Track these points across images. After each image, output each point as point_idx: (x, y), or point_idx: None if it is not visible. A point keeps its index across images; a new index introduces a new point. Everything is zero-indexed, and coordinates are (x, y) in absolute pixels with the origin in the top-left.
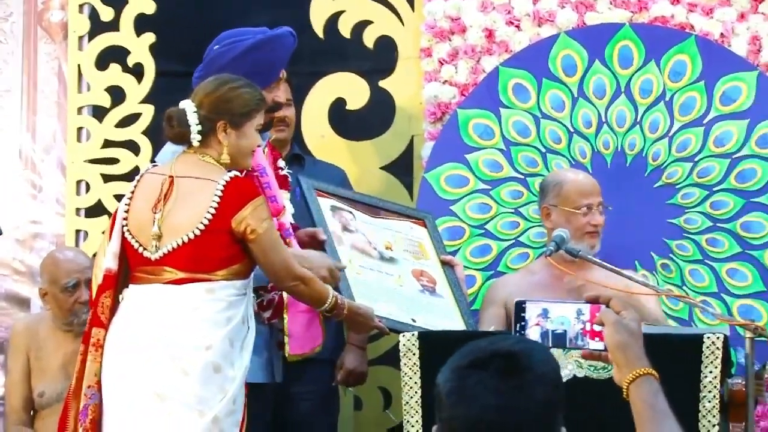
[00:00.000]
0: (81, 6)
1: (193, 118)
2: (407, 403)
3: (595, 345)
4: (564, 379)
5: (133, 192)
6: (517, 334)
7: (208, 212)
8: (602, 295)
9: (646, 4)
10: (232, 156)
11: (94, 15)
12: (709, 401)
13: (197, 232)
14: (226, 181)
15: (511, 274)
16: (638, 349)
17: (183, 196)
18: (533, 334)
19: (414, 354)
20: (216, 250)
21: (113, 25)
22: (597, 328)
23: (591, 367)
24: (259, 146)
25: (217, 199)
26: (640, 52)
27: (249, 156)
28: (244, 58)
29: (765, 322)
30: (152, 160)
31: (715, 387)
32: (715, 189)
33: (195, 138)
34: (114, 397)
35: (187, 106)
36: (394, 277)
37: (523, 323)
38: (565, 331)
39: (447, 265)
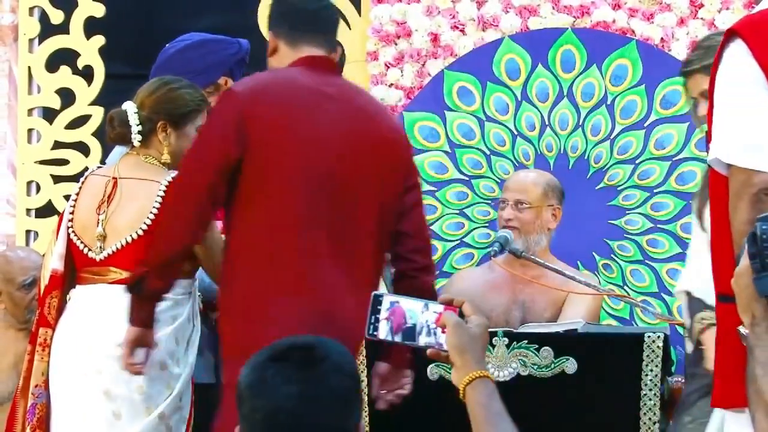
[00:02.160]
0: (31, 9)
1: (133, 119)
2: None
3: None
4: (508, 378)
5: (78, 193)
6: (371, 326)
7: (151, 213)
8: (456, 299)
9: (588, 9)
10: (174, 156)
11: (44, 18)
12: (650, 399)
13: (140, 233)
14: (169, 182)
15: (473, 268)
16: (477, 353)
17: (126, 197)
18: (383, 327)
19: (361, 354)
20: None
21: (63, 28)
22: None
23: (534, 366)
24: None
25: (160, 200)
26: (582, 56)
27: None
28: (177, 57)
29: None
30: (102, 162)
31: (656, 385)
32: (655, 191)
33: (135, 138)
34: (62, 396)
35: (129, 107)
36: None
37: (377, 315)
38: (414, 324)
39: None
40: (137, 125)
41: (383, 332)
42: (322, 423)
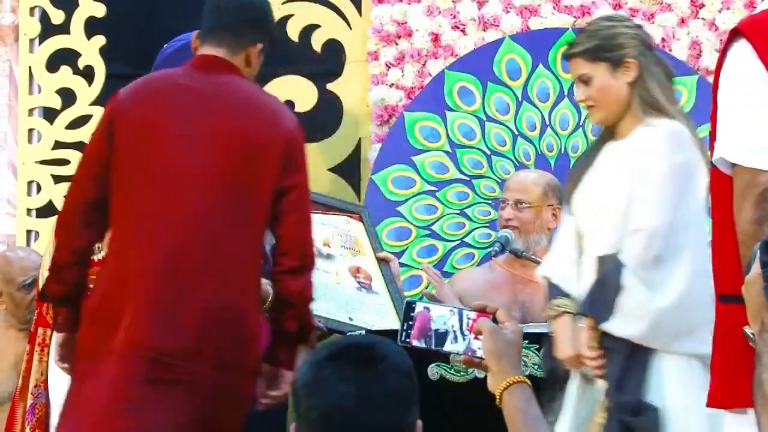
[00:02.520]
0: (32, 9)
1: None
2: None
3: (478, 345)
4: None
5: None
6: (404, 333)
7: None
8: (489, 306)
9: (588, 9)
10: None
11: (44, 18)
12: None
13: None
14: None
15: (474, 268)
16: (513, 358)
17: None
18: (415, 334)
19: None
20: None
21: (64, 28)
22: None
23: (535, 366)
24: None
25: None
26: None
27: None
28: (175, 56)
29: None
30: None
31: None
32: None
33: None
34: (61, 396)
35: None
36: (332, 275)
37: (410, 322)
38: (446, 331)
39: (383, 262)
40: None
41: (415, 339)
42: (378, 422)
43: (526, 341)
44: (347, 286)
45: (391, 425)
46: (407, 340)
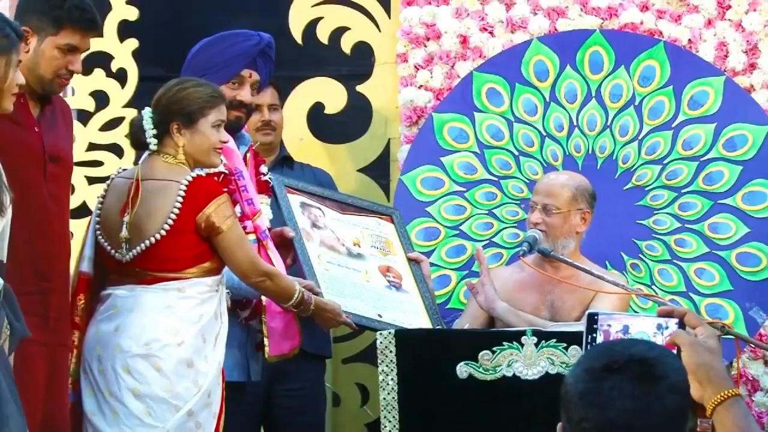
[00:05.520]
0: None
1: (148, 123)
2: (384, 399)
3: None
4: (537, 376)
5: (103, 197)
6: (588, 346)
7: (173, 213)
8: (676, 309)
9: (616, 11)
10: (192, 155)
11: None
12: None
13: (163, 233)
14: (189, 181)
15: (503, 267)
16: (720, 367)
17: (148, 198)
18: None
19: (391, 351)
20: (184, 249)
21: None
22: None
23: (563, 365)
24: (225, 143)
25: (180, 200)
26: (610, 57)
27: (210, 153)
28: (199, 54)
29: (731, 320)
30: (135, 163)
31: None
32: (683, 191)
33: (151, 142)
34: (91, 397)
35: (146, 111)
36: (362, 273)
37: (594, 335)
38: None
39: (413, 262)
40: (151, 129)
41: None
42: None
43: (554, 340)
44: (377, 285)
45: None
46: None
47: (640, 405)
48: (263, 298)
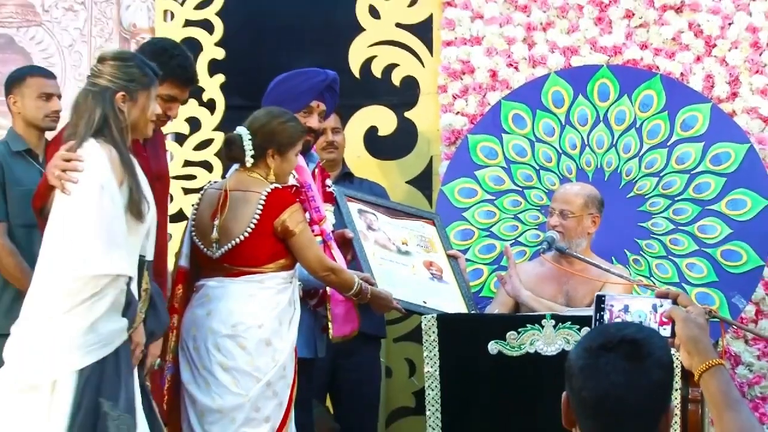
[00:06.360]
0: None
1: (248, 145)
2: (428, 371)
3: (664, 332)
4: (555, 353)
5: (197, 205)
6: (597, 322)
7: (254, 218)
8: (671, 291)
9: (620, 49)
10: (277, 175)
11: None
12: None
13: (246, 235)
14: (268, 192)
15: (527, 262)
16: (707, 340)
17: (234, 206)
18: None
19: (433, 332)
20: (263, 248)
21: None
22: (665, 319)
23: (576, 343)
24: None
25: (261, 207)
26: (615, 88)
27: (288, 175)
28: (277, 88)
29: (717, 306)
30: (223, 176)
31: (677, 358)
32: (676, 199)
33: (249, 161)
34: (187, 369)
35: (243, 133)
36: (409, 267)
37: (602, 313)
38: (641, 322)
39: (452, 258)
40: (250, 150)
41: None
42: (641, 407)
43: (569, 322)
44: (422, 277)
45: (652, 409)
46: None
47: (630, 378)
48: (328, 289)
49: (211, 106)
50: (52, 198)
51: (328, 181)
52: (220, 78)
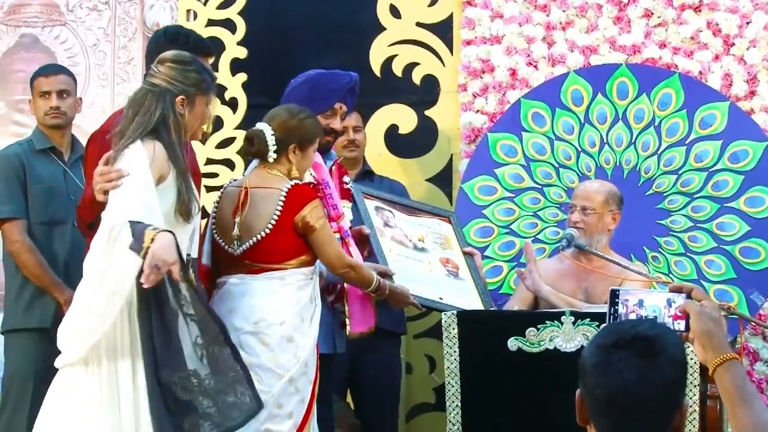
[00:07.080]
0: None
1: (270, 140)
2: (448, 367)
3: (678, 326)
4: (574, 349)
5: (218, 202)
6: (612, 318)
7: (275, 214)
8: (685, 286)
9: (639, 48)
10: (296, 171)
11: None
12: (691, 366)
13: (267, 231)
14: (288, 189)
15: (546, 259)
16: (722, 335)
17: (255, 203)
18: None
19: (453, 329)
20: (284, 245)
21: (213, 68)
22: (679, 313)
23: None
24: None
25: (281, 204)
26: (634, 86)
27: (306, 172)
28: (299, 88)
29: (736, 303)
30: (243, 174)
31: (696, 355)
32: (695, 196)
33: (271, 156)
34: None
35: (265, 129)
36: (425, 264)
37: (616, 307)
38: (656, 317)
39: (468, 255)
40: (273, 145)
41: None
42: (656, 404)
43: (588, 319)
44: (438, 273)
45: (665, 406)
46: None
47: (643, 375)
48: (346, 285)
49: (233, 104)
50: (100, 213)
51: (346, 178)
52: (242, 77)
